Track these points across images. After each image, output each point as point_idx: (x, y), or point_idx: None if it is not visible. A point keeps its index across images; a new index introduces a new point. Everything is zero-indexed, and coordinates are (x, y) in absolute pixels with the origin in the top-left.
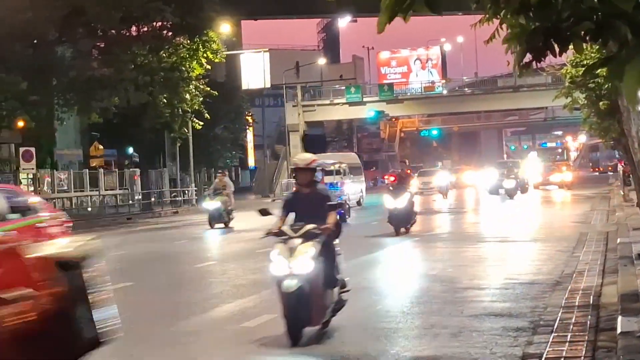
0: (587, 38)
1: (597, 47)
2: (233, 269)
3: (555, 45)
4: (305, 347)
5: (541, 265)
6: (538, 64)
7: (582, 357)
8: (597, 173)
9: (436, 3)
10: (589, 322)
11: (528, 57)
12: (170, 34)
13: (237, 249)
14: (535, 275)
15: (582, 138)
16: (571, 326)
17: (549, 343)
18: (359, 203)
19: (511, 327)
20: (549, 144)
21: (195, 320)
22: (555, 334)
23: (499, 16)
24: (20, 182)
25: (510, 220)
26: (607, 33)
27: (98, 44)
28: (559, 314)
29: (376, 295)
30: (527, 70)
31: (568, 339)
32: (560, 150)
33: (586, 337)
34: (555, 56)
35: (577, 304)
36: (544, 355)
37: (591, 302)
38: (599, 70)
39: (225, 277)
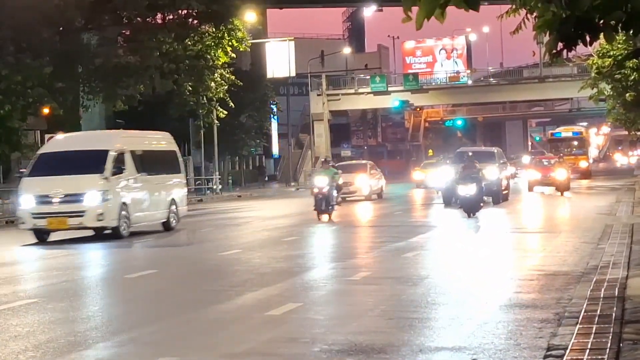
0: (619, 28)
1: (624, 37)
2: (258, 257)
3: (586, 35)
4: (328, 335)
5: (566, 257)
6: (568, 53)
7: (608, 349)
8: None
9: None
10: (614, 314)
11: (559, 45)
12: (195, 21)
13: (263, 237)
14: (560, 267)
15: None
16: (596, 318)
17: (574, 335)
18: (166, 227)
19: (536, 319)
20: (564, 134)
21: (220, 308)
22: (581, 326)
23: (526, 7)
24: None
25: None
26: (638, 23)
27: (124, 31)
28: (584, 306)
29: (400, 285)
30: (557, 59)
31: (593, 331)
32: (578, 140)
33: (611, 329)
34: (586, 45)
35: (602, 295)
36: (569, 347)
37: (616, 294)
38: (628, 62)
39: (250, 266)
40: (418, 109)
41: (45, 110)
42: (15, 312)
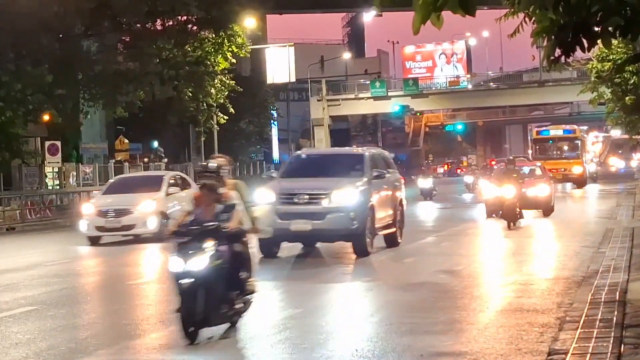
0: (617, 33)
1: (624, 41)
2: (258, 263)
3: (584, 41)
4: (328, 341)
5: (567, 261)
6: (567, 58)
7: (609, 354)
8: None
9: (469, 3)
10: (615, 319)
11: (557, 51)
12: (195, 28)
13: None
14: (561, 271)
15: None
16: (597, 322)
17: (575, 339)
18: None
19: (537, 323)
20: (553, 133)
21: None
22: (582, 330)
23: (525, 11)
24: (46, 176)
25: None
26: (636, 28)
27: (123, 38)
28: (585, 310)
29: (401, 289)
30: (556, 65)
31: (594, 335)
32: (570, 141)
33: (612, 334)
34: (584, 51)
35: (603, 300)
36: (570, 351)
37: (617, 298)
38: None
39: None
40: (418, 114)
41: (46, 117)
42: (16, 319)
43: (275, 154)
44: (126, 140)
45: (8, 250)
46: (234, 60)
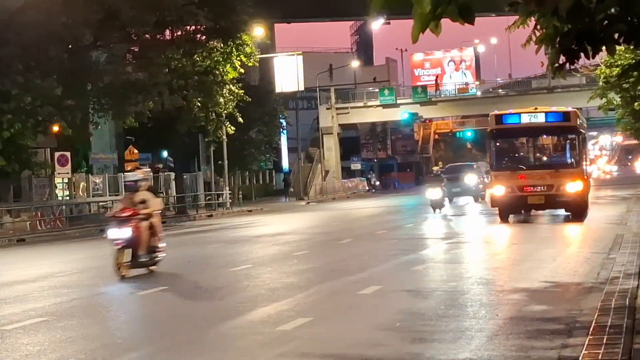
0: (621, 40)
1: (632, 47)
2: (268, 272)
3: (588, 47)
4: (339, 349)
5: (577, 268)
6: (571, 65)
7: None
8: None
9: (469, 11)
10: (625, 325)
11: (562, 59)
12: (204, 37)
13: (273, 252)
14: (570, 278)
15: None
16: (607, 329)
17: (585, 346)
18: None
19: (547, 330)
20: (527, 120)
21: (231, 324)
22: (591, 337)
23: (533, 18)
24: (56, 187)
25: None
26: None
27: (132, 48)
28: (595, 317)
29: (411, 297)
30: (560, 72)
31: (604, 342)
32: (560, 133)
33: (622, 340)
34: (588, 58)
35: (613, 306)
36: (580, 358)
37: (627, 304)
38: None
39: (260, 281)
40: (427, 121)
41: (55, 128)
42: (26, 330)
43: (285, 163)
44: (136, 151)
45: (18, 261)
46: (242, 70)
